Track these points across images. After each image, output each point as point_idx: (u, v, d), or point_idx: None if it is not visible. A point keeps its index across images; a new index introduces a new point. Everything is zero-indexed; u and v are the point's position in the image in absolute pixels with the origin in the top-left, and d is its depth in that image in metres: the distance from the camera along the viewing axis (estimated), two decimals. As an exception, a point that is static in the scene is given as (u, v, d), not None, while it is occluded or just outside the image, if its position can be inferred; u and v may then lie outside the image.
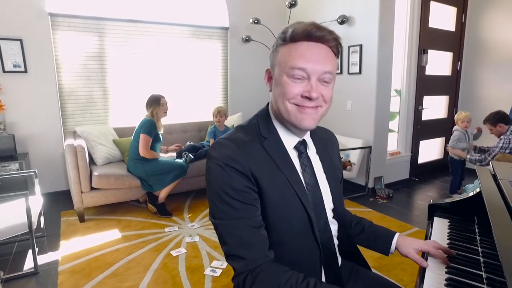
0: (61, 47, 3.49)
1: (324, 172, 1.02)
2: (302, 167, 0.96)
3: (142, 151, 3.05)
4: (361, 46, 3.65)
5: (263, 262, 0.84)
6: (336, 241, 1.04)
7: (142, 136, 3.04)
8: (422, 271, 0.98)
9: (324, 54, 0.86)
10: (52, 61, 3.43)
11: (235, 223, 0.85)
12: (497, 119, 3.24)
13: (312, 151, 1.02)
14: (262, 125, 0.94)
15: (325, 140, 1.09)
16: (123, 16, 3.74)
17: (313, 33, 0.83)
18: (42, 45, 3.37)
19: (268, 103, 1.00)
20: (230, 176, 0.84)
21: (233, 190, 0.84)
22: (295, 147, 0.96)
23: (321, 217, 0.97)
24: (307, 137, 1.01)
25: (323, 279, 0.99)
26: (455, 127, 3.64)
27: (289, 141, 0.95)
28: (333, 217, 1.03)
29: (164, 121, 3.37)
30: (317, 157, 1.03)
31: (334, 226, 1.03)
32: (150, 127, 3.07)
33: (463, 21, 4.39)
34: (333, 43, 0.87)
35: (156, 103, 3.15)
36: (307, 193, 0.93)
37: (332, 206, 1.02)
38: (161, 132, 3.26)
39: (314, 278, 0.84)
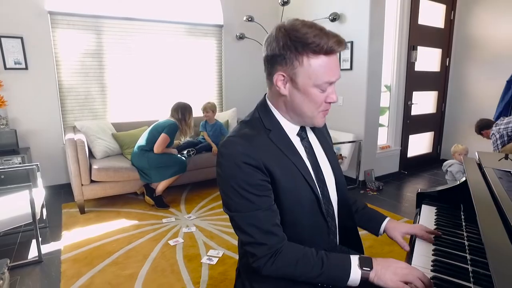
0: (60, 45, 3.56)
1: (323, 150, 1.12)
2: (306, 151, 1.05)
3: (157, 148, 3.20)
4: (352, 42, 3.74)
5: (282, 245, 0.93)
6: (336, 217, 1.12)
7: (163, 135, 3.20)
8: (409, 254, 1.04)
9: (338, 63, 0.97)
10: (51, 58, 3.51)
11: (253, 214, 0.92)
12: (480, 128, 3.55)
13: (310, 134, 1.11)
14: (264, 118, 1.01)
15: None
16: (120, 14, 3.81)
17: (337, 50, 0.92)
18: (42, 43, 3.44)
19: (265, 94, 1.07)
20: (246, 173, 0.91)
21: (250, 186, 0.91)
22: (298, 134, 1.05)
23: (324, 195, 1.06)
24: None
25: None
26: (449, 161, 3.49)
27: (291, 129, 1.03)
28: (336, 193, 1.11)
29: (160, 116, 3.45)
30: (315, 138, 1.12)
31: (335, 203, 1.11)
32: (174, 131, 3.26)
33: (452, 18, 4.49)
34: None
35: (190, 112, 3.39)
36: (311, 174, 1.02)
37: (334, 179, 1.11)
38: (188, 137, 3.58)
39: (323, 250, 0.95)
